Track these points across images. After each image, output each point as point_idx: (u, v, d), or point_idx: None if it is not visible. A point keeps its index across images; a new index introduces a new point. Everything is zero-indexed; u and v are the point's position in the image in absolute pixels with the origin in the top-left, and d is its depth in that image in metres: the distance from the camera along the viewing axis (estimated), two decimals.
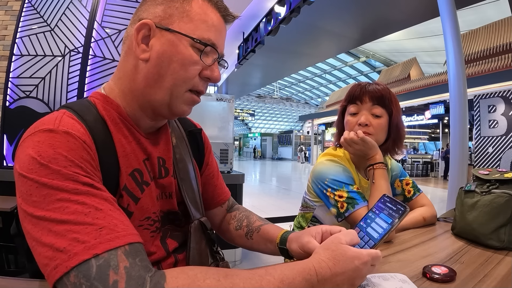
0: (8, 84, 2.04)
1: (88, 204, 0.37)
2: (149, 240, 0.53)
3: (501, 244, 0.71)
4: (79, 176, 0.38)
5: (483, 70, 8.40)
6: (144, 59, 0.49)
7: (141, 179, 0.52)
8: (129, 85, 0.52)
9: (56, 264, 0.33)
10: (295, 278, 0.41)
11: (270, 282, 0.39)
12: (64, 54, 2.10)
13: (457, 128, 3.11)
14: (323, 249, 0.46)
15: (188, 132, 0.70)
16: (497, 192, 0.75)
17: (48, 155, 0.38)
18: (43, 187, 0.36)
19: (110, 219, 0.37)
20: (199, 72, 0.51)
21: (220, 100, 2.54)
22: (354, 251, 0.45)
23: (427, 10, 5.15)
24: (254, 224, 0.70)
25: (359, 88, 0.94)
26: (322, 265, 0.43)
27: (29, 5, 2.15)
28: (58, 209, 0.35)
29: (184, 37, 0.49)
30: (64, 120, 0.43)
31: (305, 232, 0.57)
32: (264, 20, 5.92)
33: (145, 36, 0.50)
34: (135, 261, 0.35)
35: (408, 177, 1.08)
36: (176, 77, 0.49)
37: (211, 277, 0.36)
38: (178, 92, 0.51)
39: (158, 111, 0.53)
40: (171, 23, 0.49)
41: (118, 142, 0.49)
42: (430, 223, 0.95)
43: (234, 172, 2.54)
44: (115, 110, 0.51)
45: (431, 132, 17.04)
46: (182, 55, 0.49)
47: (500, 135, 6.36)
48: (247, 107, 29.60)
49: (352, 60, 20.53)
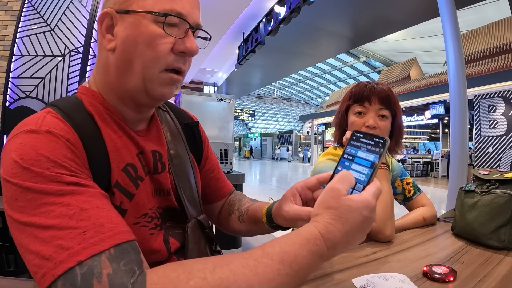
0: (8, 84, 2.04)
1: (73, 205, 0.35)
2: (149, 238, 0.51)
3: (501, 244, 0.71)
4: (63, 176, 0.37)
5: (483, 70, 8.40)
6: (111, 48, 0.48)
7: (135, 173, 0.50)
8: (105, 79, 0.51)
9: (44, 273, 0.33)
10: (298, 254, 0.36)
11: (268, 266, 0.34)
12: (64, 54, 2.10)
13: (457, 128, 3.11)
14: (324, 208, 0.40)
15: (184, 125, 0.67)
16: (497, 192, 0.75)
17: (30, 157, 0.37)
18: (28, 191, 0.36)
19: (96, 218, 0.36)
20: (172, 48, 0.47)
21: (220, 100, 2.54)
22: (359, 201, 0.39)
23: (427, 10, 5.15)
24: (244, 206, 0.67)
25: (367, 89, 0.93)
26: (329, 229, 0.38)
27: (29, 5, 2.15)
28: (43, 213, 0.35)
29: (144, 14, 0.46)
30: (46, 119, 0.42)
31: (282, 199, 0.53)
32: (264, 20, 5.91)
33: (109, 26, 0.48)
34: (119, 266, 0.33)
35: (409, 177, 1.08)
36: (145, 59, 0.46)
37: (195, 276, 0.33)
38: (151, 74, 0.47)
39: (138, 100, 0.50)
40: (130, 5, 0.47)
41: (107, 137, 0.48)
42: (430, 223, 0.95)
43: (234, 172, 2.54)
44: (102, 104, 0.50)
45: (431, 132, 17.04)
46: (146, 33, 0.46)
47: (500, 135, 6.36)
48: (247, 107, 29.59)
49: (352, 60, 20.53)
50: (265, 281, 0.34)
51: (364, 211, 0.39)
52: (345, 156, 0.45)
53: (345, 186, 0.40)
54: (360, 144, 0.45)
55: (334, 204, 0.39)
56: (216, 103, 2.54)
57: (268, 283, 0.34)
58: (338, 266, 0.59)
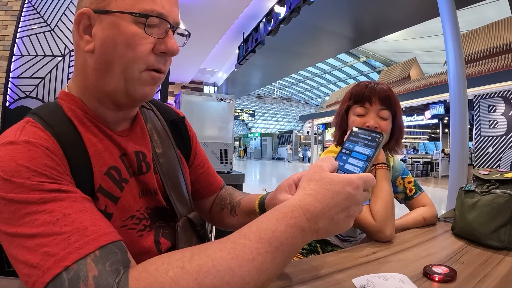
0: (8, 84, 2.04)
1: (56, 211, 0.36)
2: (137, 240, 0.51)
3: (501, 244, 0.71)
4: (44, 184, 0.37)
5: (483, 70, 8.40)
6: (89, 50, 0.46)
7: (119, 176, 0.49)
8: (84, 82, 0.49)
9: (33, 281, 0.33)
10: (276, 230, 0.35)
11: (246, 247, 0.34)
12: (64, 54, 2.10)
13: (457, 128, 3.11)
14: (306, 181, 0.40)
15: (170, 122, 0.66)
16: (497, 192, 0.75)
17: (10, 169, 0.37)
18: (11, 203, 0.36)
19: (79, 222, 0.36)
20: (153, 48, 0.47)
21: (220, 100, 2.54)
22: (342, 177, 0.39)
23: (427, 10, 5.14)
24: (236, 199, 0.67)
25: (367, 89, 0.93)
26: (308, 201, 0.37)
27: (29, 5, 2.15)
28: (27, 223, 0.35)
29: (124, 15, 0.44)
30: (26, 129, 0.42)
31: (277, 189, 0.53)
32: (264, 20, 5.91)
33: (86, 26, 0.46)
34: (105, 267, 0.33)
35: (410, 176, 1.08)
36: (125, 60, 0.45)
37: (174, 266, 0.33)
38: (132, 75, 0.46)
39: (118, 101, 0.49)
40: (108, 4, 0.45)
41: (88, 141, 0.47)
42: (430, 223, 0.95)
43: (234, 172, 2.54)
44: (80, 108, 0.49)
45: (431, 132, 17.04)
46: (125, 34, 0.45)
47: (500, 135, 6.36)
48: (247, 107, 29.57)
49: (352, 60, 20.52)
50: (245, 262, 0.33)
51: (347, 187, 0.38)
52: (343, 151, 0.46)
53: (328, 164, 0.41)
54: (358, 140, 0.46)
55: (316, 177, 0.40)
56: (216, 103, 2.54)
57: (248, 264, 0.33)
58: (338, 266, 0.59)
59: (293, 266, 0.59)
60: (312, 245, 1.01)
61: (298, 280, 0.52)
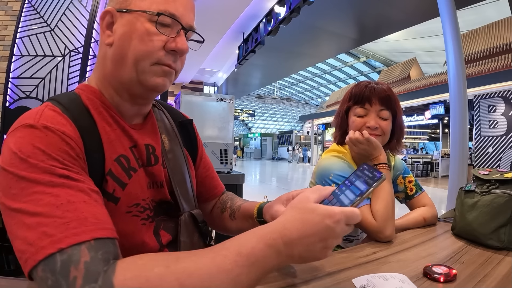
0: (8, 85, 2.04)
1: (62, 196, 0.38)
2: (140, 228, 0.53)
3: (501, 244, 0.71)
4: (55, 169, 0.40)
5: (483, 70, 8.39)
6: (109, 43, 0.52)
7: (127, 165, 0.53)
8: (102, 72, 0.55)
9: (26, 258, 0.35)
10: (255, 247, 0.37)
11: (226, 258, 0.36)
12: (64, 55, 2.10)
13: (457, 128, 3.11)
14: (289, 208, 0.43)
15: (179, 123, 0.70)
16: (497, 192, 0.75)
17: (27, 150, 0.40)
18: (22, 180, 0.38)
19: (81, 212, 0.38)
20: (164, 45, 0.51)
21: (220, 100, 2.54)
22: (325, 209, 0.40)
23: (427, 10, 5.15)
24: (236, 204, 0.70)
25: (367, 90, 0.93)
26: (287, 226, 0.39)
27: (29, 5, 2.15)
28: (33, 201, 0.37)
29: (141, 13, 0.50)
30: (45, 113, 0.45)
31: (276, 200, 0.56)
32: (264, 20, 5.91)
33: (109, 23, 0.53)
34: (97, 255, 0.35)
35: (411, 175, 1.08)
36: (137, 53, 0.50)
37: (160, 264, 0.35)
38: (143, 67, 0.51)
39: (132, 90, 0.54)
40: (129, 5, 0.51)
41: (102, 129, 0.51)
42: (430, 223, 0.95)
43: (234, 172, 2.54)
44: (98, 99, 0.53)
45: (431, 132, 17.03)
46: (140, 30, 0.50)
47: (500, 135, 6.36)
48: (247, 107, 29.57)
49: (352, 60, 20.52)
50: (223, 272, 0.36)
51: (327, 219, 0.39)
52: (346, 182, 0.48)
53: (315, 196, 0.43)
54: (361, 175, 0.47)
55: (299, 205, 0.42)
56: (216, 103, 2.54)
57: (226, 274, 0.36)
58: (338, 266, 0.59)
59: (293, 266, 0.59)
60: None
61: (298, 280, 0.52)
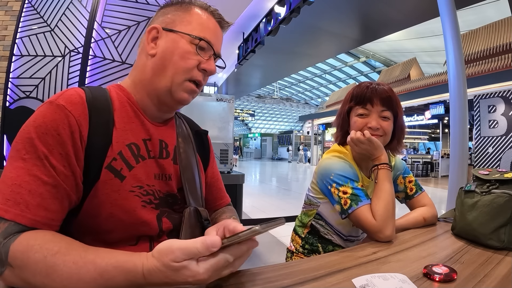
0: (8, 85, 2.04)
1: (32, 175, 0.45)
2: (140, 209, 0.55)
3: (501, 244, 0.71)
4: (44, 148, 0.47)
5: (483, 70, 8.39)
6: (152, 54, 0.60)
7: (137, 152, 0.57)
8: (140, 76, 0.62)
9: None
10: (116, 276, 0.40)
11: (89, 272, 0.40)
12: (64, 55, 2.10)
13: (457, 128, 3.11)
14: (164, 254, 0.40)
15: (195, 132, 0.76)
16: (497, 192, 0.75)
17: (38, 122, 0.48)
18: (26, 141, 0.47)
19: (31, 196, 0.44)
20: (198, 65, 0.60)
21: (220, 100, 2.54)
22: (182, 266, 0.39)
23: (427, 10, 5.15)
24: (220, 218, 0.72)
25: (369, 91, 0.93)
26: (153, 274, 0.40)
27: (29, 5, 2.15)
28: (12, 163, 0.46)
29: (184, 35, 0.60)
30: (67, 92, 0.52)
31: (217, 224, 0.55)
32: (264, 20, 5.91)
33: (154, 37, 0.61)
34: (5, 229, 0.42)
35: (411, 175, 1.08)
36: (177, 67, 0.59)
37: (41, 252, 0.40)
38: (178, 80, 0.59)
39: (162, 98, 0.61)
40: (175, 26, 0.61)
41: (118, 117, 0.57)
42: (430, 223, 0.95)
43: (234, 172, 2.55)
44: (126, 96, 0.61)
45: (431, 132, 17.03)
46: (182, 49, 0.59)
47: (500, 135, 6.36)
48: (247, 107, 29.57)
49: (352, 60, 20.52)
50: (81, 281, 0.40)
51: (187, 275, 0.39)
52: None
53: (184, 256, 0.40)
54: None
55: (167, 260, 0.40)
56: (216, 103, 2.54)
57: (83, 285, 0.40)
58: (338, 266, 0.59)
59: (293, 266, 0.59)
60: (313, 245, 1.01)
61: (298, 280, 0.52)
